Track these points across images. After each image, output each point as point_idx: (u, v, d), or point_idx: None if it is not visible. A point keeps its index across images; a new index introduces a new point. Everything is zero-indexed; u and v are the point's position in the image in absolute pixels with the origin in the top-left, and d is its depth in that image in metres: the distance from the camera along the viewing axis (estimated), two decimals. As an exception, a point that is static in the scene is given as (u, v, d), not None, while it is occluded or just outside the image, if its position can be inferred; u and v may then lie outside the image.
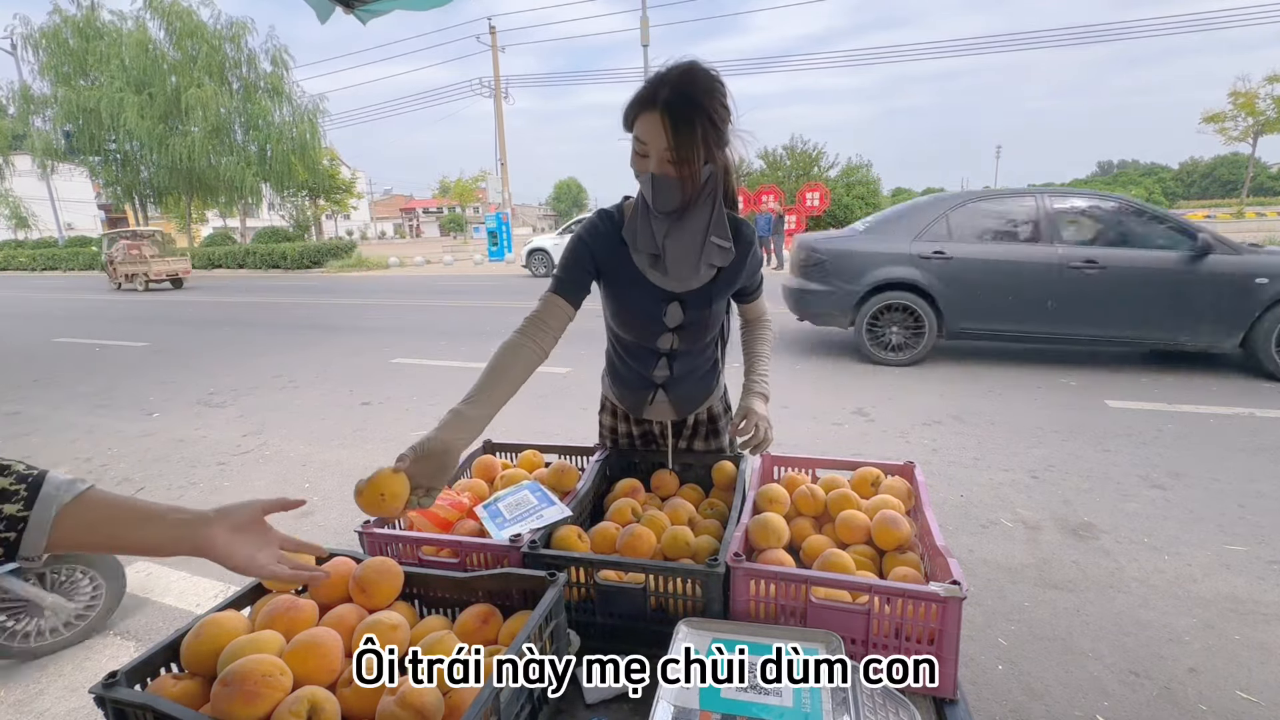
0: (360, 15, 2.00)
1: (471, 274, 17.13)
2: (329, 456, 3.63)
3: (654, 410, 1.37)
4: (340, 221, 56.66)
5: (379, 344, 7.03)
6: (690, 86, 0.97)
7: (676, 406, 1.36)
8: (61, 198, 28.56)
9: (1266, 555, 2.27)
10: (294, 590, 0.96)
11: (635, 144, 1.04)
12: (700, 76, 0.98)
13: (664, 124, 0.97)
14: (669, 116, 0.97)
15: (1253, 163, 43.02)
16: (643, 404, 1.36)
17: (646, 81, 1.02)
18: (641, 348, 1.28)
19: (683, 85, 0.97)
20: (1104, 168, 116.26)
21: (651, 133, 0.99)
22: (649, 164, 1.03)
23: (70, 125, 22.32)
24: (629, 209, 1.19)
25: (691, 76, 0.98)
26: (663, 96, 0.97)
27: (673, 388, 1.33)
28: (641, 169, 1.05)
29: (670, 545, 1.10)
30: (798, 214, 20.67)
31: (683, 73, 0.98)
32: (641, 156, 1.04)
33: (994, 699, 1.68)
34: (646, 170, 1.04)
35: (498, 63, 22.93)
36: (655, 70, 1.02)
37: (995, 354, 5.29)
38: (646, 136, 1.00)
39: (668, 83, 0.97)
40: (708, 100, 0.98)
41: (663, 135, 0.98)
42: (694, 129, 0.97)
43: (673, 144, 0.98)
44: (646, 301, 1.20)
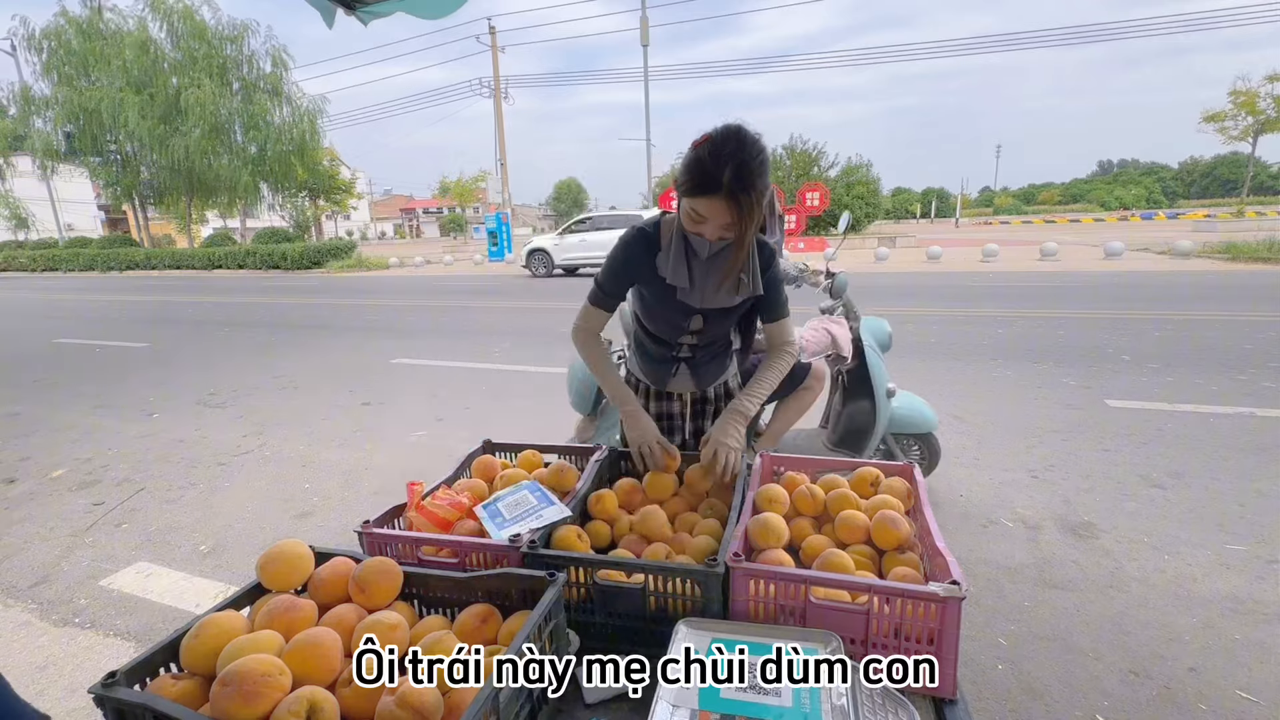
0: (361, 16, 2.00)
1: (471, 274, 17.13)
2: (329, 457, 3.63)
3: (676, 383, 1.50)
4: (340, 222, 56.69)
5: (379, 344, 7.03)
6: (748, 163, 1.04)
7: (697, 379, 1.49)
8: (62, 198, 28.54)
9: (1266, 555, 2.27)
10: (293, 590, 0.96)
11: (693, 213, 1.12)
12: (752, 148, 1.05)
13: (728, 207, 1.06)
14: (733, 201, 1.05)
15: (1253, 162, 43.03)
16: (666, 377, 1.48)
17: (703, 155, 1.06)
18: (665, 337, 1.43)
19: (741, 167, 1.03)
20: (1104, 167, 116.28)
21: (714, 211, 1.09)
22: (705, 230, 1.13)
23: (71, 126, 22.32)
24: (665, 229, 1.28)
25: (747, 151, 1.04)
26: (726, 181, 1.04)
27: (694, 363, 1.47)
28: (695, 231, 1.14)
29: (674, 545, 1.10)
30: (798, 214, 20.67)
31: (738, 148, 1.04)
32: (697, 224, 1.12)
33: (994, 699, 1.68)
34: (702, 235, 1.14)
35: (497, 63, 22.94)
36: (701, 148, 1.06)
37: (995, 354, 5.29)
38: (708, 213, 1.10)
39: (727, 164, 1.03)
40: (761, 176, 1.06)
41: (726, 214, 1.08)
42: (753, 205, 1.06)
43: (736, 221, 1.08)
44: (673, 313, 1.35)
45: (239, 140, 23.60)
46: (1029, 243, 19.21)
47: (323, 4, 1.85)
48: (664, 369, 1.46)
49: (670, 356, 1.45)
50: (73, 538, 2.76)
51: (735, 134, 1.06)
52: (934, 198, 73.10)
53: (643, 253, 1.28)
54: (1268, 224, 19.71)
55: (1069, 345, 5.46)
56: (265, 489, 3.21)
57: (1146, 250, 14.86)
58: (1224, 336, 5.49)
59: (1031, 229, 33.52)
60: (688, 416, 1.57)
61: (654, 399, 1.56)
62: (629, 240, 1.29)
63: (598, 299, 1.34)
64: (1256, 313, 6.55)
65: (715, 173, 1.05)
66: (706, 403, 1.56)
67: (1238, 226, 20.54)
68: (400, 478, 3.23)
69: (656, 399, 1.56)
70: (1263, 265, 11.11)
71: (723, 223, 1.10)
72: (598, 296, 1.34)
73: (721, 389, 1.57)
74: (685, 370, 1.47)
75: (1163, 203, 74.22)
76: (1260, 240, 12.25)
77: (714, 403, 1.57)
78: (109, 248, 25.27)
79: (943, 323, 6.82)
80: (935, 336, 6.09)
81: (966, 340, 5.86)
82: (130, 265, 23.77)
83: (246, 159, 23.30)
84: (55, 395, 5.32)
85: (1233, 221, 23.45)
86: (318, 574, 0.96)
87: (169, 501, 3.11)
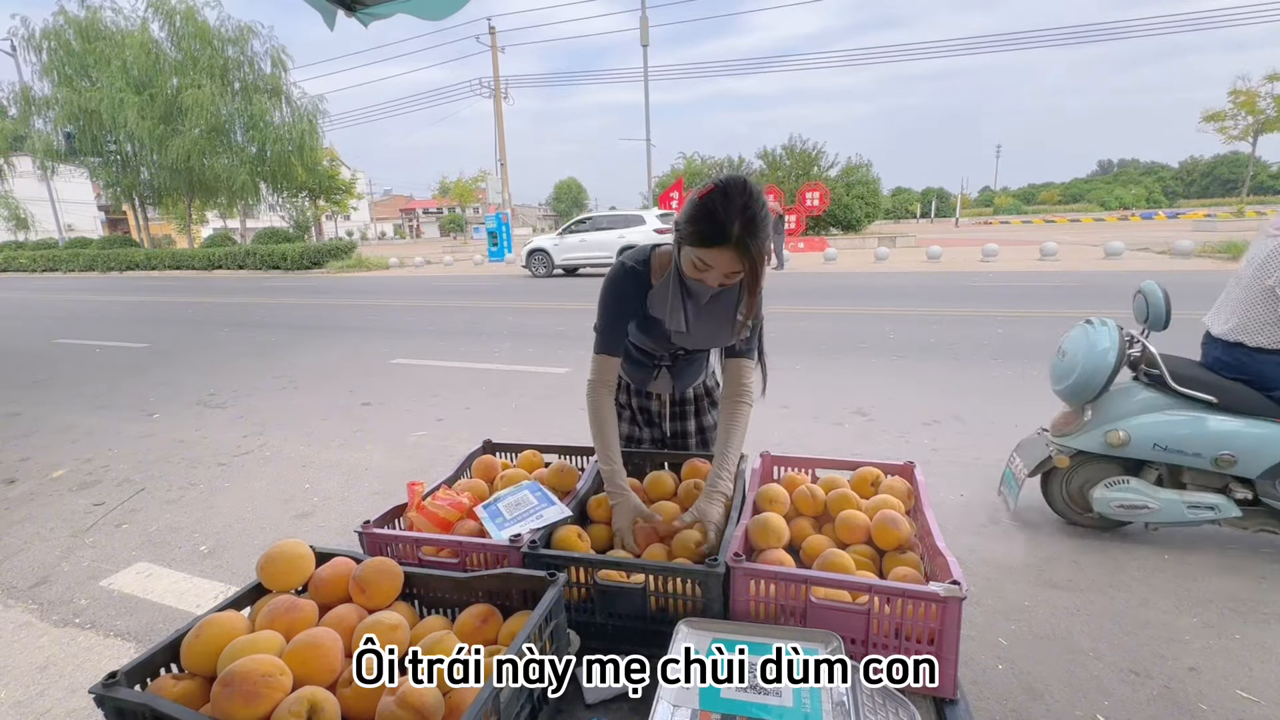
0: (361, 18, 2.00)
1: (471, 274, 17.13)
2: (329, 457, 3.63)
3: (657, 385, 1.52)
4: (340, 222, 56.67)
5: (379, 344, 7.03)
6: (756, 214, 1.04)
7: (678, 382, 1.52)
8: (62, 199, 28.53)
9: (1266, 554, 2.27)
10: (294, 590, 0.96)
11: (698, 262, 1.10)
12: (756, 199, 1.05)
13: (736, 257, 1.06)
14: (742, 251, 1.05)
15: (1253, 161, 43.03)
16: (647, 378, 1.50)
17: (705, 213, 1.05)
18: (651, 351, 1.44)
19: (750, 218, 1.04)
20: (1104, 166, 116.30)
21: (721, 261, 1.07)
22: (708, 278, 1.12)
23: (71, 126, 22.32)
24: (657, 265, 1.27)
25: (754, 205, 1.04)
26: (733, 234, 1.03)
27: (675, 369, 1.49)
28: (699, 279, 1.13)
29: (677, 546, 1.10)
30: (798, 214, 20.68)
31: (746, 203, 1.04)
32: (701, 272, 1.11)
33: (994, 699, 1.68)
34: (705, 282, 1.13)
35: (497, 63, 22.95)
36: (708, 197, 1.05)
37: (995, 353, 5.29)
38: (715, 263, 1.08)
39: (735, 218, 1.03)
40: (765, 226, 1.06)
41: (733, 263, 1.07)
42: (761, 253, 1.07)
43: (744, 269, 1.08)
44: (658, 343, 1.37)
45: (239, 141, 23.60)
46: (1029, 242, 19.21)
47: (323, 5, 1.85)
48: (645, 372, 1.48)
49: (653, 364, 1.47)
50: (73, 538, 2.76)
51: (741, 184, 1.06)
52: (934, 197, 73.11)
53: (634, 292, 1.26)
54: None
55: (1069, 345, 5.46)
56: (265, 489, 3.21)
57: (1146, 250, 14.86)
58: (1224, 336, 5.48)
59: (1031, 229, 33.53)
60: (666, 416, 1.58)
61: (634, 395, 1.58)
62: (618, 279, 1.27)
63: (604, 346, 1.29)
64: (1256, 312, 6.53)
65: (725, 224, 1.03)
66: (686, 403, 1.58)
67: (1238, 226, 20.54)
68: (400, 478, 3.23)
69: (637, 395, 1.58)
70: (1263, 265, 11.09)
71: (729, 270, 1.09)
72: (603, 344, 1.29)
73: (701, 388, 1.59)
74: (666, 374, 1.49)
75: (1163, 202, 74.22)
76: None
77: (693, 402, 1.59)
78: (109, 248, 25.26)
79: (943, 323, 6.82)
80: (935, 336, 6.09)
81: (966, 340, 5.86)
82: (130, 266, 23.77)
83: (246, 159, 23.28)
84: (55, 395, 5.32)
85: (1233, 221, 23.46)
86: (318, 574, 0.96)
87: (169, 502, 3.11)
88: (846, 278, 11.88)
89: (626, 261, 1.27)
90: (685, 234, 1.09)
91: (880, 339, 6.11)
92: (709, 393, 1.61)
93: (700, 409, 1.59)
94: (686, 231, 1.09)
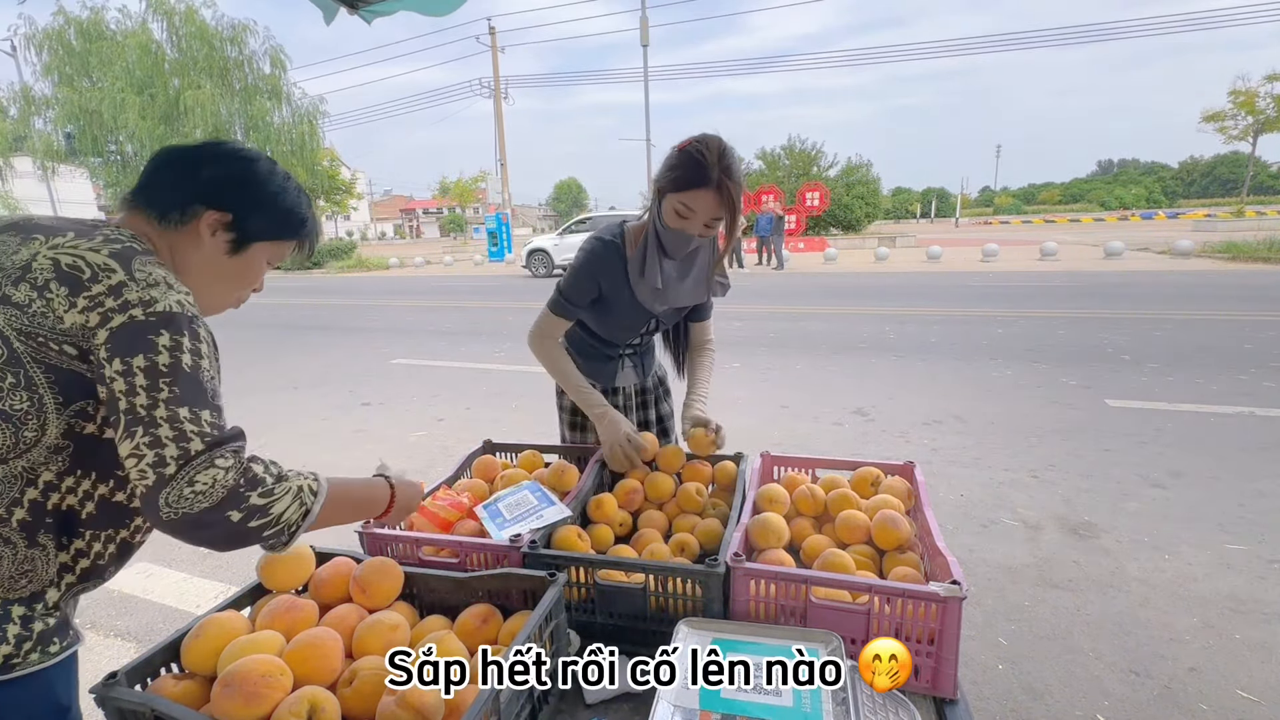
0: (364, 15, 1.99)
1: (471, 274, 17.13)
2: (329, 458, 3.63)
3: (622, 378, 1.54)
4: (340, 222, 56.70)
5: (379, 344, 7.03)
6: (731, 164, 1.12)
7: (641, 372, 1.58)
8: (62, 199, 28.54)
9: (1266, 554, 2.27)
10: (294, 590, 0.96)
11: (680, 208, 1.16)
12: (731, 151, 1.13)
13: (717, 199, 1.13)
14: (722, 193, 1.12)
15: (1253, 161, 43.00)
16: (612, 373, 1.53)
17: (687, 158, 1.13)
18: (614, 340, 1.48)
19: (725, 163, 1.11)
20: (1104, 166, 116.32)
21: (703, 204, 1.14)
22: (690, 225, 1.17)
23: (71, 126, 22.32)
24: (631, 236, 1.32)
25: (730, 154, 1.13)
26: (714, 177, 1.11)
27: (636, 358, 1.55)
28: (680, 228, 1.19)
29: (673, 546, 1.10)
30: (798, 214, 20.68)
31: (723, 151, 1.12)
32: (684, 219, 1.17)
33: (994, 699, 1.68)
34: (686, 230, 1.18)
35: (497, 63, 22.94)
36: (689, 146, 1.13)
37: (995, 353, 5.29)
38: (697, 206, 1.15)
39: (713, 163, 1.11)
40: (740, 172, 1.14)
41: (714, 207, 1.14)
42: (739, 196, 1.13)
43: (725, 213, 1.15)
44: (632, 318, 1.39)
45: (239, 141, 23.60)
46: (1029, 242, 19.21)
47: (325, 3, 1.85)
48: (609, 366, 1.51)
49: (615, 355, 1.50)
50: (73, 538, 2.76)
51: (717, 138, 1.14)
52: (934, 197, 73.06)
53: (613, 260, 1.30)
54: (1268, 224, 19.71)
55: (1069, 345, 5.46)
56: (265, 489, 3.21)
57: (1146, 250, 14.86)
58: (1224, 336, 5.49)
59: (1031, 229, 33.53)
60: (633, 408, 1.62)
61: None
62: (595, 249, 1.31)
63: (561, 307, 1.35)
64: (1257, 313, 6.55)
65: (707, 167, 1.10)
66: (646, 392, 1.63)
67: (1238, 226, 20.53)
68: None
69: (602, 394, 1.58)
70: (1263, 265, 11.11)
71: (710, 216, 1.15)
72: (561, 305, 1.35)
73: (654, 378, 1.65)
74: (629, 365, 1.53)
75: (1163, 202, 74.20)
76: (1260, 240, 12.24)
77: (652, 391, 1.64)
78: (109, 248, 25.23)
79: (943, 323, 6.82)
80: (935, 336, 6.09)
81: (966, 340, 5.86)
82: (130, 266, 23.75)
83: (247, 160, 23.27)
84: (55, 396, 5.32)
85: (1233, 221, 23.45)
86: (318, 574, 0.96)
87: (169, 502, 3.11)
88: (846, 278, 11.88)
89: (603, 235, 1.32)
90: (667, 181, 1.16)
91: (880, 339, 6.11)
92: (661, 381, 1.68)
93: (658, 397, 1.66)
94: (669, 179, 1.15)
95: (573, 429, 1.59)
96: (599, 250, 1.30)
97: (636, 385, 1.59)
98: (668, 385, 1.70)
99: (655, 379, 1.65)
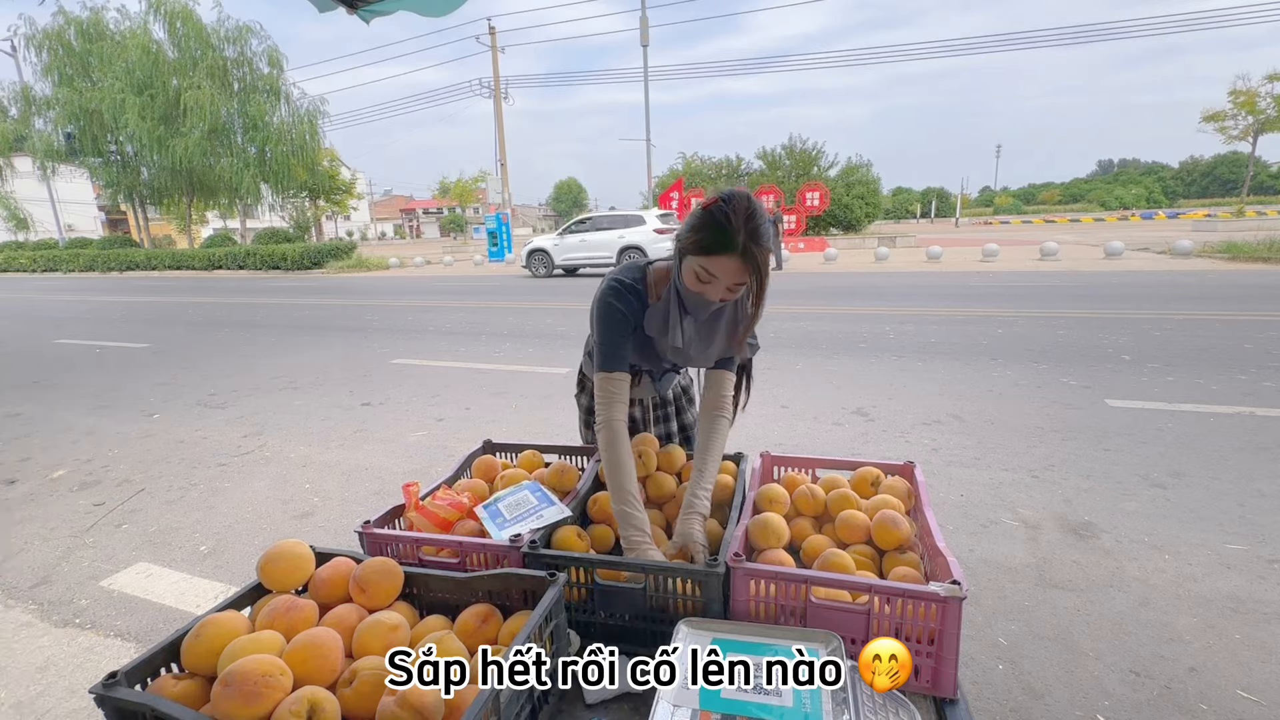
0: (363, 15, 2.00)
1: (471, 274, 17.13)
2: (329, 458, 3.63)
3: (639, 390, 1.51)
4: (340, 222, 56.68)
5: (379, 345, 7.03)
6: (759, 226, 1.04)
7: (659, 386, 1.54)
8: (62, 199, 28.55)
9: (1266, 554, 2.27)
10: (294, 590, 0.96)
11: (701, 273, 1.08)
12: (760, 212, 1.05)
13: (742, 266, 1.05)
14: (748, 259, 1.04)
15: (1253, 161, 42.98)
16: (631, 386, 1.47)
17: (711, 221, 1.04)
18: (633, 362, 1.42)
19: (753, 227, 1.03)
20: (1104, 166, 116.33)
21: (726, 271, 1.06)
22: (711, 290, 1.09)
23: (72, 126, 22.34)
24: (653, 282, 1.24)
25: (757, 216, 1.04)
26: (740, 242, 1.03)
27: (655, 374, 1.51)
28: (700, 291, 1.10)
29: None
30: (798, 214, 20.68)
31: (750, 214, 1.03)
32: (705, 283, 1.09)
33: (994, 699, 1.68)
34: (707, 295, 1.10)
35: (497, 63, 22.94)
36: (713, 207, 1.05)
37: (995, 353, 5.29)
38: (720, 273, 1.06)
39: (739, 227, 1.02)
40: (768, 235, 1.06)
41: (739, 274, 1.06)
42: (766, 264, 1.07)
43: (751, 281, 1.08)
44: (650, 362, 1.37)
45: (239, 141, 23.60)
46: (1029, 242, 19.21)
47: (324, 2, 1.85)
48: None
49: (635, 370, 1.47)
50: (73, 538, 2.76)
51: (745, 196, 1.05)
52: (934, 197, 73.03)
53: (633, 309, 1.21)
54: (1268, 224, 19.71)
55: (1069, 345, 5.46)
56: (265, 489, 3.21)
57: (1147, 250, 14.86)
58: (1224, 336, 5.49)
59: (1031, 229, 33.52)
60: (651, 420, 1.59)
61: None
62: (617, 295, 1.20)
63: (611, 364, 1.20)
64: (1256, 313, 6.55)
65: (731, 232, 1.02)
66: (666, 404, 1.60)
67: (1238, 226, 20.53)
68: (400, 478, 3.23)
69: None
70: (1263, 265, 11.11)
71: (733, 282, 1.07)
72: (609, 361, 1.20)
73: (678, 388, 1.61)
74: (648, 380, 1.50)
75: (1163, 202, 74.14)
76: (1260, 240, 12.24)
77: (673, 403, 1.60)
78: (109, 248, 25.27)
79: (943, 323, 6.82)
80: (935, 336, 6.09)
81: (966, 340, 5.86)
82: (130, 266, 23.77)
83: (247, 160, 23.30)
84: (56, 396, 5.32)
85: (1233, 221, 23.45)
86: (318, 574, 0.96)
87: (169, 502, 3.11)
88: (846, 278, 11.88)
89: (624, 279, 1.22)
90: (689, 243, 1.07)
91: (880, 339, 6.11)
92: (685, 390, 1.64)
93: (680, 408, 1.62)
94: (691, 241, 1.07)
95: (589, 428, 1.58)
96: (619, 294, 1.21)
97: (655, 399, 1.57)
98: (691, 394, 1.63)
99: (679, 388, 1.61)
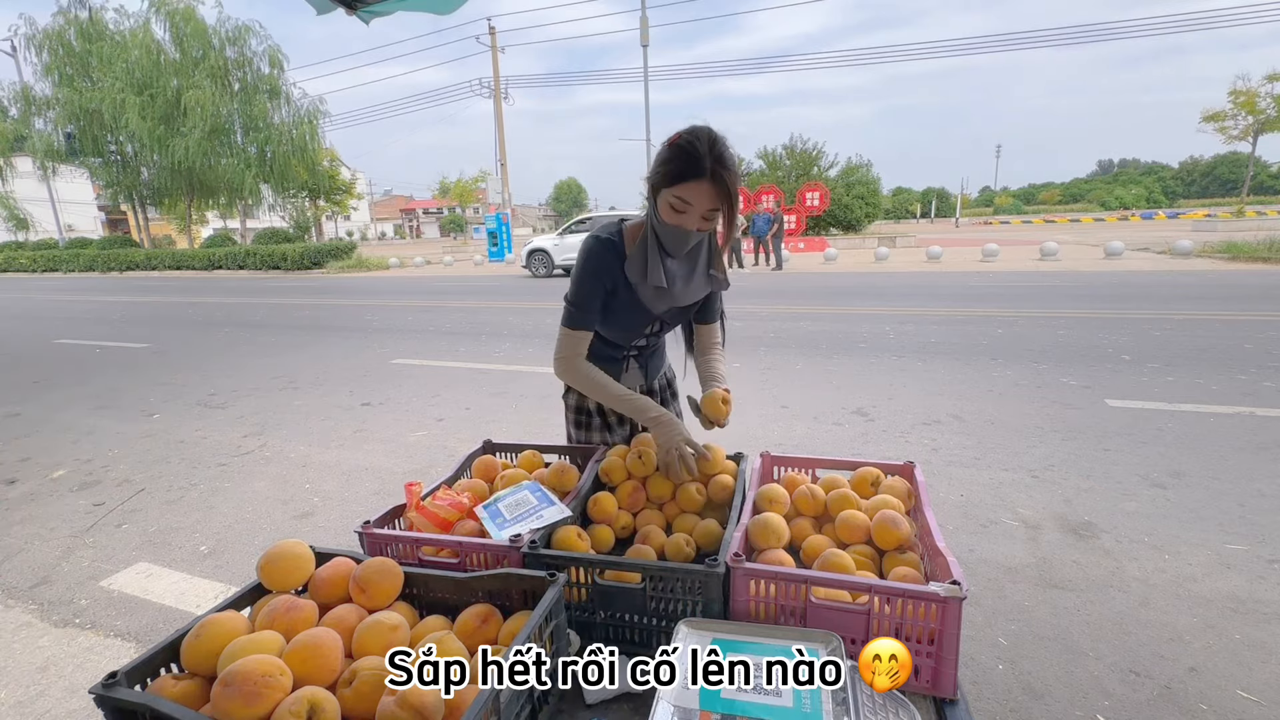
0: (362, 15, 2.00)
1: (471, 274, 17.13)
2: (329, 457, 3.63)
3: (626, 379, 1.51)
4: (340, 222, 56.66)
5: (379, 345, 7.03)
6: (724, 152, 1.11)
7: (646, 373, 1.55)
8: (62, 199, 28.53)
9: (1266, 554, 2.27)
10: (294, 590, 0.96)
11: (676, 202, 1.14)
12: (723, 140, 1.12)
13: (713, 190, 1.11)
14: (717, 184, 1.11)
15: (1253, 161, 42.98)
16: (618, 374, 1.48)
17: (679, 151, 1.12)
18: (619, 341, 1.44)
19: (718, 153, 1.10)
20: (1104, 166, 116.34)
21: (698, 196, 1.12)
22: (687, 219, 1.16)
23: (72, 126, 22.33)
24: (629, 234, 1.30)
25: (721, 143, 1.11)
26: (708, 166, 1.09)
27: (642, 359, 1.51)
28: (677, 223, 1.17)
29: (672, 550, 1.10)
30: (798, 214, 20.68)
31: (714, 140, 1.11)
32: (680, 213, 1.15)
33: (994, 699, 1.68)
34: (684, 225, 1.16)
35: (497, 63, 22.93)
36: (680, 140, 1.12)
37: (995, 353, 5.29)
38: (693, 199, 1.13)
39: (705, 153, 1.09)
40: (733, 162, 1.12)
41: (710, 198, 1.12)
42: (734, 187, 1.12)
43: (722, 204, 1.13)
44: (635, 319, 1.36)
45: (239, 141, 23.60)
46: (1029, 242, 19.21)
47: (322, 3, 1.85)
48: (613, 368, 1.47)
49: (620, 356, 1.47)
50: (73, 538, 2.76)
51: (708, 128, 1.12)
52: (934, 197, 73.01)
53: (613, 261, 1.28)
54: (1268, 224, 19.71)
55: (1069, 345, 5.47)
56: (265, 489, 3.21)
57: (1147, 250, 14.86)
58: (1224, 336, 5.49)
59: (1031, 229, 33.53)
60: None
61: None
62: (595, 250, 1.28)
63: (576, 319, 1.31)
64: (1256, 313, 6.55)
65: (699, 158, 1.09)
66: (652, 394, 1.60)
67: (1238, 226, 20.53)
68: (400, 478, 3.23)
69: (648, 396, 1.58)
70: (1263, 265, 11.11)
71: (707, 208, 1.14)
72: (575, 317, 1.31)
73: (663, 379, 1.62)
74: (635, 366, 1.50)
75: (1163, 202, 74.16)
76: (1260, 240, 12.25)
77: (659, 394, 1.61)
78: (109, 248, 25.27)
79: (943, 323, 6.82)
80: (935, 336, 6.09)
81: (966, 340, 5.86)
82: (130, 266, 23.77)
83: (247, 160, 23.30)
84: (56, 396, 5.33)
85: (1233, 221, 23.45)
86: (318, 574, 0.96)
87: (169, 502, 3.11)
88: (846, 278, 11.88)
89: (600, 234, 1.29)
90: (661, 175, 1.14)
91: (880, 339, 6.11)
92: (670, 383, 1.65)
93: (665, 400, 1.63)
94: (662, 173, 1.14)
95: (578, 427, 1.58)
96: (597, 249, 1.28)
97: (642, 387, 1.57)
98: (675, 387, 1.67)
99: (664, 379, 1.63)
